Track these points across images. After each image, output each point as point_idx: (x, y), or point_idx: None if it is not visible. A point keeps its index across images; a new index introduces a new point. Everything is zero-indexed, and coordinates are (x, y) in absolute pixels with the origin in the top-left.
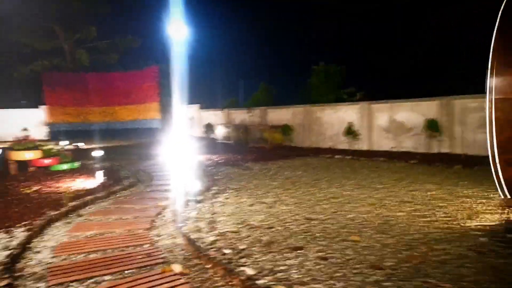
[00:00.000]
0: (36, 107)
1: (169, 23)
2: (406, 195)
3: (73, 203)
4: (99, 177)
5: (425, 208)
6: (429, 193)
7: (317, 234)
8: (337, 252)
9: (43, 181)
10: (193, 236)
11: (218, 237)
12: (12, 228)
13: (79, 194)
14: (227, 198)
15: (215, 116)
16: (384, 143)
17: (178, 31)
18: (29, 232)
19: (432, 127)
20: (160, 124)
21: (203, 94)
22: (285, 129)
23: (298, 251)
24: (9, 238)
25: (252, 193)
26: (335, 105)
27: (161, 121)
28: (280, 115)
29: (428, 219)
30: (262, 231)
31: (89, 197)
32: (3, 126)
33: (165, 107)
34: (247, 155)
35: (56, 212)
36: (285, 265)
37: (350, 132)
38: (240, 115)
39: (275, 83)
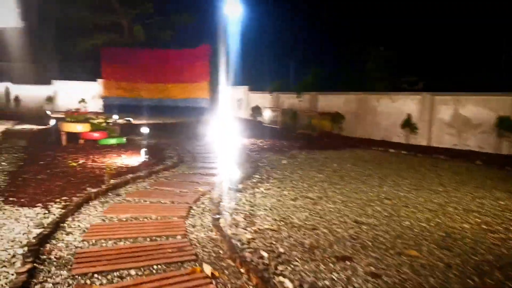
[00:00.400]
0: (94, 80)
1: (225, 1)
2: (472, 203)
3: (114, 181)
4: (143, 155)
5: (496, 221)
6: (500, 202)
7: (368, 243)
8: (391, 268)
9: (90, 154)
10: (229, 231)
11: (256, 235)
12: (51, 203)
13: (121, 172)
14: (269, 189)
15: (263, 99)
16: (445, 140)
17: (233, 10)
18: (65, 210)
19: (504, 125)
20: (209, 104)
21: (252, 75)
22: (336, 117)
23: (346, 262)
24: (45, 214)
25: (296, 185)
26: (393, 94)
27: (210, 101)
28: (330, 101)
29: (501, 235)
30: (305, 232)
31: (130, 176)
32: (64, 97)
33: (214, 87)
34: (293, 142)
35: (95, 190)
36: (330, 278)
37: (408, 124)
38: (289, 100)
39: (326, 68)
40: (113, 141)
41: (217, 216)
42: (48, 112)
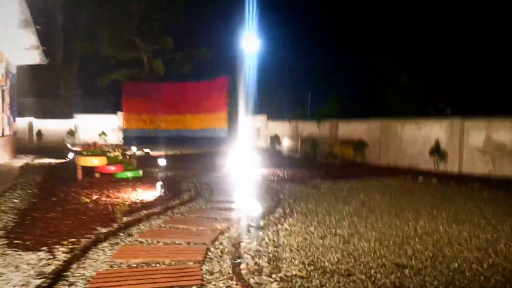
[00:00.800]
0: (114, 113)
1: (242, 35)
2: None
3: (126, 219)
4: (159, 189)
5: None
6: None
7: None
8: None
9: (104, 189)
10: (252, 279)
11: (282, 284)
12: (57, 246)
13: (134, 208)
14: (293, 225)
15: (281, 128)
16: (478, 167)
17: (250, 42)
18: (71, 255)
19: None
20: (227, 134)
21: (270, 104)
22: (359, 144)
23: None
24: (48, 259)
25: (323, 219)
26: (419, 119)
27: (228, 131)
28: (352, 129)
29: None
30: (339, 279)
31: (144, 212)
32: (85, 130)
33: (232, 117)
34: (314, 171)
35: (105, 230)
36: None
37: (437, 151)
38: (308, 128)
39: (346, 96)
40: (129, 174)
41: (238, 260)
42: (69, 146)
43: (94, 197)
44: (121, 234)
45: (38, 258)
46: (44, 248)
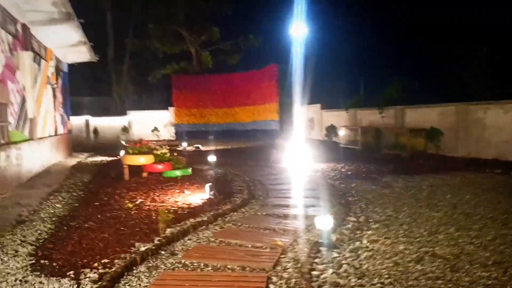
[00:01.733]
0: (166, 108)
1: (290, 22)
2: None
3: (170, 230)
4: (208, 190)
5: None
6: None
7: None
8: None
9: (150, 190)
10: None
11: None
12: (85, 270)
13: (181, 215)
14: (375, 241)
15: (338, 118)
16: None
17: (298, 30)
18: (98, 285)
19: None
20: (279, 126)
21: (323, 93)
22: (432, 133)
23: None
24: None
25: (411, 232)
26: (506, 103)
27: (279, 123)
28: (421, 116)
29: None
30: None
31: (190, 221)
32: (138, 126)
33: (284, 107)
34: (381, 165)
35: (145, 247)
36: None
37: None
38: (368, 116)
39: (409, 79)
40: (178, 173)
41: None
42: (123, 142)
43: (138, 200)
44: (163, 252)
45: None
46: (70, 273)
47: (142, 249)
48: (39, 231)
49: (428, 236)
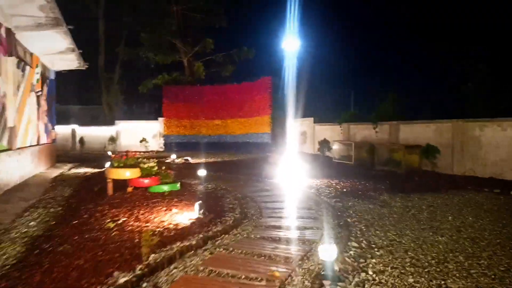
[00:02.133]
0: (155, 119)
1: (283, 36)
2: None
3: (154, 256)
4: (197, 209)
5: None
6: None
7: None
8: None
9: (135, 207)
10: None
11: None
12: None
13: (167, 238)
14: (381, 272)
15: (331, 132)
16: None
17: (291, 43)
18: None
19: None
20: (271, 139)
21: (316, 107)
22: (428, 150)
23: None
24: None
25: (417, 260)
26: (503, 120)
27: (272, 136)
28: (416, 132)
29: None
30: None
31: (177, 245)
32: (126, 137)
33: (276, 120)
34: (376, 183)
35: (124, 278)
36: None
37: None
38: (362, 131)
39: (403, 95)
40: (165, 188)
41: None
42: (109, 153)
43: (121, 219)
44: (145, 284)
45: None
46: None
47: (121, 280)
48: (6, 255)
49: (437, 265)
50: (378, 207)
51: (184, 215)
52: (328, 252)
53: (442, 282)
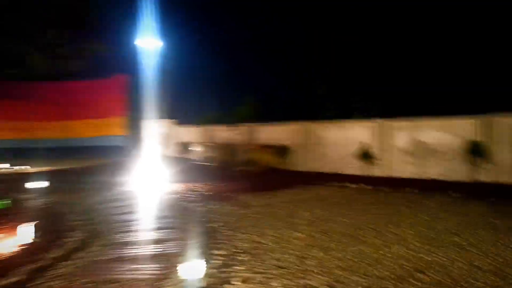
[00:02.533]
0: None
1: (139, 33)
2: None
3: None
4: (30, 232)
5: None
6: None
7: None
8: None
9: None
10: None
11: None
12: None
13: None
14: (250, 281)
15: (193, 133)
16: (406, 169)
17: (148, 42)
18: None
19: (475, 151)
20: (127, 142)
21: (181, 109)
22: (280, 150)
23: None
24: None
25: (280, 260)
26: (343, 122)
27: (128, 139)
28: (272, 133)
29: None
30: None
31: None
32: None
33: (134, 122)
34: (236, 183)
35: None
36: None
37: (364, 155)
38: (223, 133)
39: (261, 95)
40: None
41: None
42: None
43: None
44: None
45: None
46: None
47: None
48: None
49: (299, 263)
50: (240, 208)
51: (13, 241)
52: (191, 270)
53: (304, 280)
